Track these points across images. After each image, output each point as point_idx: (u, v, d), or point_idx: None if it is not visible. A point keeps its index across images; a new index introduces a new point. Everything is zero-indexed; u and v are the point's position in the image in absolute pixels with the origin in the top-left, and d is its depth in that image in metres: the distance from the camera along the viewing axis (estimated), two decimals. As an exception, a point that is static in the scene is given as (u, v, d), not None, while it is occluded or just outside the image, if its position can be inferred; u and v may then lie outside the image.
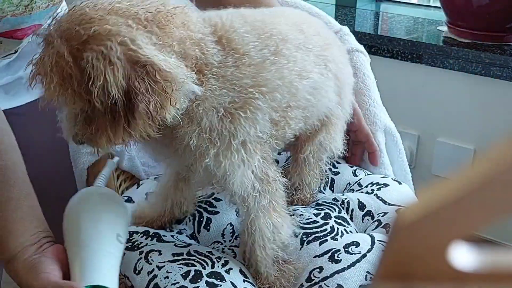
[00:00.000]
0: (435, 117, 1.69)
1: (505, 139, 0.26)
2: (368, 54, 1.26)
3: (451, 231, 0.28)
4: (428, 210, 0.28)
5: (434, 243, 0.28)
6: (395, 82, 1.69)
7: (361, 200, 1.02)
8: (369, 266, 0.86)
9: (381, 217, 0.98)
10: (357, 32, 1.71)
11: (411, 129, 1.75)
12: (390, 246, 0.30)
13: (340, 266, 0.86)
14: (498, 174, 0.26)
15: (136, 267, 0.84)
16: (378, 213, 1.00)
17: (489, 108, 1.59)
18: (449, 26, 1.65)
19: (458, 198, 0.27)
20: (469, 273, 0.29)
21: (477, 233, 0.28)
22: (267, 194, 0.81)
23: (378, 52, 1.68)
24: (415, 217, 0.28)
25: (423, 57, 1.62)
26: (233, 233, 0.97)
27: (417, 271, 0.29)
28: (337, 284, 0.83)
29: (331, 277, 0.84)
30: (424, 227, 0.28)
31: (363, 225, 1.00)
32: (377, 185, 1.05)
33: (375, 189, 1.04)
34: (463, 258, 0.29)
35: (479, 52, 1.52)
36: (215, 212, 0.99)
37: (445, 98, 1.65)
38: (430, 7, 2.08)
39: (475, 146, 1.64)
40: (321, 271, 0.86)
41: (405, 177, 1.16)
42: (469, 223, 0.28)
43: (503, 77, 1.51)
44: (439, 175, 1.75)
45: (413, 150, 1.76)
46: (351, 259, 0.87)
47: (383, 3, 2.06)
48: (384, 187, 1.04)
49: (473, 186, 0.27)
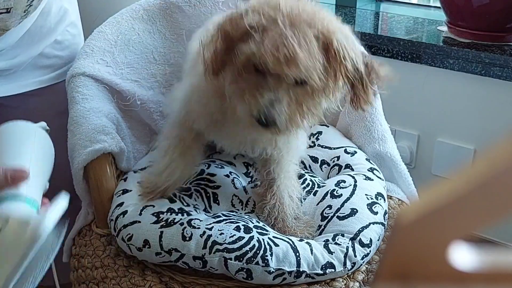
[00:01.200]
0: (435, 117, 1.69)
1: (505, 139, 0.27)
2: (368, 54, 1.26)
3: (451, 231, 0.28)
4: (428, 210, 0.28)
5: (434, 243, 0.29)
6: (395, 82, 1.69)
7: (311, 155, 1.19)
8: (364, 191, 1.03)
9: (337, 161, 1.16)
10: (357, 32, 1.71)
11: (411, 129, 1.75)
12: (390, 247, 0.30)
13: (343, 198, 1.02)
14: (498, 174, 0.26)
15: (184, 235, 0.91)
16: (331, 159, 1.17)
17: (489, 108, 1.58)
18: (449, 26, 1.65)
19: (458, 198, 0.27)
20: (469, 273, 0.29)
21: (477, 233, 0.28)
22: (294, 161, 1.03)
23: (378, 52, 1.68)
24: (415, 217, 0.28)
25: (423, 57, 1.62)
26: (241, 202, 1.07)
27: (417, 271, 0.29)
28: (350, 209, 0.99)
29: (341, 207, 1.00)
30: (424, 227, 0.28)
31: (323, 173, 1.16)
32: (314, 136, 1.23)
33: (315, 140, 1.22)
34: (463, 258, 0.29)
35: (479, 52, 1.52)
36: (217, 187, 1.09)
37: (445, 98, 1.65)
38: (430, 7, 2.08)
39: (475, 146, 1.64)
40: (330, 208, 1.01)
41: (407, 188, 1.17)
42: (469, 223, 0.28)
43: (503, 77, 1.51)
44: (439, 175, 1.75)
45: (413, 150, 1.76)
46: (347, 191, 1.03)
47: (383, 3, 2.06)
48: (320, 135, 1.22)
49: (473, 186, 0.27)
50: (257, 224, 0.96)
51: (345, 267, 0.92)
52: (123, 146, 1.09)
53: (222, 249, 0.88)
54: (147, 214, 0.97)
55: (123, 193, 1.05)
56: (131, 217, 0.98)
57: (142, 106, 1.18)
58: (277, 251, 0.89)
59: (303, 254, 0.90)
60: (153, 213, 0.97)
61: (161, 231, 0.92)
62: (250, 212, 1.05)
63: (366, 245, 0.95)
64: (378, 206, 1.01)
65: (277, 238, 0.92)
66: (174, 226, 0.93)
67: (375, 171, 1.11)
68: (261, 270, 0.88)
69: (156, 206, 0.98)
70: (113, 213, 1.01)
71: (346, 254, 0.92)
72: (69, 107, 1.09)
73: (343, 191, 1.04)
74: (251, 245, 0.89)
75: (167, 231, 0.92)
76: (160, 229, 0.93)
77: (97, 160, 1.04)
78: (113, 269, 1.00)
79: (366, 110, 0.92)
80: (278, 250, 0.90)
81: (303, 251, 0.91)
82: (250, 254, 0.88)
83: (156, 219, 0.95)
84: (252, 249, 0.89)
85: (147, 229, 0.94)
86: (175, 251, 0.91)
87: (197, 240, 0.90)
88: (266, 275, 0.89)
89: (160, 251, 0.92)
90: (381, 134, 1.17)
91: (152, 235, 0.93)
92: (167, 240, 0.91)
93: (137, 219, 0.97)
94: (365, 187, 1.05)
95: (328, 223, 0.99)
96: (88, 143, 1.03)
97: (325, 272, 0.91)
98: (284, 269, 0.89)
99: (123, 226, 0.97)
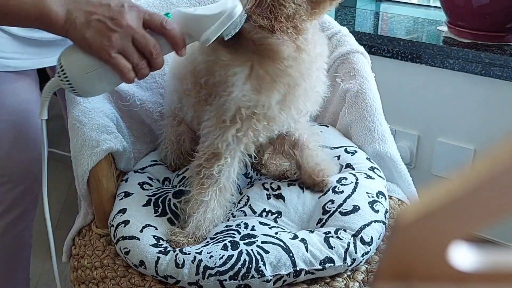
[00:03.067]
0: (435, 117, 1.69)
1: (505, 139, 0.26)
2: (368, 54, 1.26)
3: (451, 231, 0.28)
4: (428, 210, 0.28)
5: (434, 243, 0.28)
6: (395, 82, 1.69)
7: None
8: (366, 189, 1.04)
9: (337, 160, 1.15)
10: (357, 32, 1.71)
11: (411, 129, 1.75)
12: (390, 247, 0.30)
13: (345, 194, 1.03)
14: (498, 174, 0.26)
15: (177, 262, 0.91)
16: (332, 158, 1.16)
17: (489, 108, 1.58)
18: (449, 26, 1.65)
19: (458, 198, 0.27)
20: (469, 273, 0.29)
21: (477, 233, 0.28)
22: None
23: (378, 52, 1.68)
24: (415, 217, 0.28)
25: (423, 57, 1.62)
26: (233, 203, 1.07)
27: (417, 271, 0.29)
28: (352, 205, 1.00)
29: (344, 202, 1.01)
30: (424, 227, 0.28)
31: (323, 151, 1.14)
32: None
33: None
34: (463, 258, 0.29)
35: (479, 52, 1.52)
36: None
37: (445, 98, 1.65)
38: (430, 7, 2.08)
39: (475, 146, 1.64)
40: (333, 203, 1.02)
41: (407, 188, 1.17)
42: (469, 223, 0.28)
43: (503, 77, 1.51)
44: (439, 175, 1.75)
45: (413, 150, 1.76)
46: (349, 188, 1.04)
47: (383, 3, 2.06)
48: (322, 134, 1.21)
49: (473, 186, 0.27)
50: (244, 232, 0.95)
51: (345, 262, 0.92)
52: (126, 145, 1.09)
53: (214, 273, 0.88)
54: (148, 235, 0.96)
55: (125, 196, 1.05)
56: (132, 231, 0.97)
57: (142, 106, 1.18)
58: (270, 258, 0.89)
59: (297, 253, 0.90)
60: (154, 236, 0.96)
61: (158, 257, 0.92)
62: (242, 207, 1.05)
63: (367, 243, 0.95)
64: (379, 204, 1.01)
65: (266, 242, 0.91)
66: (168, 255, 0.92)
67: (376, 170, 1.11)
68: (259, 281, 0.88)
69: (158, 229, 0.98)
70: (115, 219, 1.01)
71: (346, 250, 0.93)
72: (70, 107, 1.09)
73: (344, 188, 1.04)
74: (241, 261, 0.89)
75: (163, 258, 0.92)
76: (158, 254, 0.92)
77: (102, 163, 1.04)
78: (112, 269, 1.00)
79: None
80: (270, 257, 0.89)
81: (296, 250, 0.91)
82: (244, 270, 0.88)
83: (155, 243, 0.94)
84: (244, 265, 0.88)
85: (145, 250, 0.93)
86: (170, 277, 0.91)
87: (189, 267, 0.90)
88: (265, 284, 0.89)
89: (155, 275, 0.92)
90: (381, 134, 1.17)
91: (149, 258, 0.92)
92: (162, 267, 0.91)
93: (137, 235, 0.96)
94: (367, 185, 1.05)
95: (330, 217, 0.99)
96: (95, 143, 1.03)
97: (324, 267, 0.91)
98: (281, 273, 0.89)
99: (122, 237, 0.97)
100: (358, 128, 1.20)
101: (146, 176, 1.13)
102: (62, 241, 1.14)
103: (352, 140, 1.22)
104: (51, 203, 1.02)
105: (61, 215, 1.91)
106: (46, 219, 1.01)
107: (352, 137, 1.22)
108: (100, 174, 1.05)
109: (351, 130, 1.22)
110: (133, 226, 0.98)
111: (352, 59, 1.22)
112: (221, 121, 0.92)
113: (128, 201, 1.04)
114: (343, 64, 1.23)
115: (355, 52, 1.23)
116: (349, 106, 1.21)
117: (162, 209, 1.02)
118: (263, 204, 1.04)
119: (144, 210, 1.02)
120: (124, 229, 0.98)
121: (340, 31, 1.26)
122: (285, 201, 1.04)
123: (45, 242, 1.04)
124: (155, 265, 0.91)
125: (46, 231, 1.02)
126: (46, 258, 1.73)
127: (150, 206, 1.03)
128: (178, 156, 1.15)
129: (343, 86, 1.22)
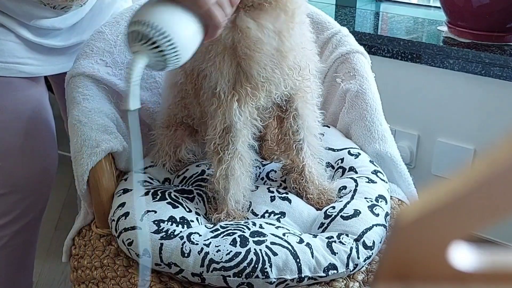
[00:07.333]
0: (435, 117, 1.69)
1: (505, 139, 0.26)
2: (368, 54, 1.26)
3: (451, 231, 0.28)
4: (428, 210, 0.28)
5: (434, 243, 0.28)
6: (395, 82, 1.69)
7: None
8: (364, 195, 1.03)
9: (341, 163, 1.14)
10: (357, 32, 1.71)
11: (411, 129, 1.74)
12: (390, 247, 0.30)
13: (345, 199, 1.03)
14: (498, 174, 0.26)
15: (183, 250, 0.91)
16: (335, 162, 1.16)
17: (489, 108, 1.58)
18: (449, 26, 1.65)
19: (458, 198, 0.27)
20: (469, 273, 0.29)
21: (477, 233, 0.28)
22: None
23: (378, 52, 1.68)
24: (415, 217, 0.28)
25: (423, 57, 1.62)
26: None
27: (418, 271, 0.29)
28: (353, 210, 0.99)
29: (344, 207, 1.01)
30: (424, 227, 0.28)
31: (327, 174, 1.14)
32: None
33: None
34: (463, 258, 0.29)
35: (479, 52, 1.52)
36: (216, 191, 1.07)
37: (445, 98, 1.65)
38: (430, 7, 2.08)
39: (475, 146, 1.64)
40: (334, 208, 1.02)
41: (407, 188, 1.17)
42: (469, 223, 0.28)
43: (503, 77, 1.51)
44: (439, 175, 1.74)
45: (413, 150, 1.76)
46: (347, 196, 1.04)
47: (383, 3, 2.06)
48: (322, 137, 1.18)
49: (473, 186, 0.27)
50: (254, 229, 0.95)
51: (347, 268, 0.92)
52: (125, 145, 1.09)
53: (219, 267, 0.88)
54: (148, 221, 0.96)
55: (124, 192, 1.05)
56: (132, 222, 0.97)
57: (142, 106, 1.19)
58: (277, 261, 0.89)
59: (303, 259, 0.90)
60: (154, 221, 0.96)
61: (161, 243, 0.92)
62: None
63: (369, 247, 0.94)
64: (379, 208, 1.00)
65: (275, 244, 0.91)
66: (174, 239, 0.92)
67: (379, 174, 1.11)
68: (262, 282, 0.88)
69: (158, 212, 0.98)
70: (115, 214, 1.01)
71: (349, 256, 0.92)
72: (70, 107, 1.09)
73: (343, 198, 1.05)
74: (248, 260, 0.88)
75: (167, 243, 0.92)
76: (161, 240, 0.92)
77: (101, 163, 1.04)
78: (112, 269, 1.00)
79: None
80: (277, 260, 0.89)
81: (303, 256, 0.90)
82: (249, 269, 0.88)
83: (156, 228, 0.95)
84: (250, 264, 0.88)
85: (147, 238, 0.93)
86: (175, 265, 0.91)
87: (195, 257, 0.90)
88: (267, 286, 0.88)
89: (160, 262, 0.92)
90: (381, 134, 1.17)
91: (153, 246, 0.92)
92: (167, 253, 0.91)
93: (138, 224, 0.96)
94: (366, 190, 1.04)
95: (331, 221, 0.99)
96: (94, 143, 1.03)
97: (327, 274, 0.91)
98: (286, 277, 0.89)
99: (124, 229, 0.97)
100: (358, 128, 1.19)
101: (147, 176, 1.13)
102: (62, 241, 1.14)
103: (352, 140, 1.22)
104: (51, 203, 1.02)
105: (61, 215, 1.91)
106: None
107: (352, 137, 1.22)
108: (100, 174, 1.05)
109: (351, 130, 1.22)
110: (133, 217, 0.98)
111: (352, 59, 1.22)
112: (218, 97, 0.95)
113: (127, 196, 1.04)
114: (343, 64, 1.23)
115: (355, 52, 1.23)
116: (349, 106, 1.20)
117: (161, 197, 1.02)
118: (266, 206, 1.03)
119: (142, 199, 1.01)
120: (125, 221, 0.98)
121: (340, 31, 1.26)
122: (291, 203, 1.04)
123: (45, 242, 1.04)
124: (159, 252, 0.91)
125: (46, 231, 1.02)
126: (46, 258, 1.73)
127: (148, 196, 1.03)
128: (175, 164, 1.14)
129: (343, 86, 1.22)
